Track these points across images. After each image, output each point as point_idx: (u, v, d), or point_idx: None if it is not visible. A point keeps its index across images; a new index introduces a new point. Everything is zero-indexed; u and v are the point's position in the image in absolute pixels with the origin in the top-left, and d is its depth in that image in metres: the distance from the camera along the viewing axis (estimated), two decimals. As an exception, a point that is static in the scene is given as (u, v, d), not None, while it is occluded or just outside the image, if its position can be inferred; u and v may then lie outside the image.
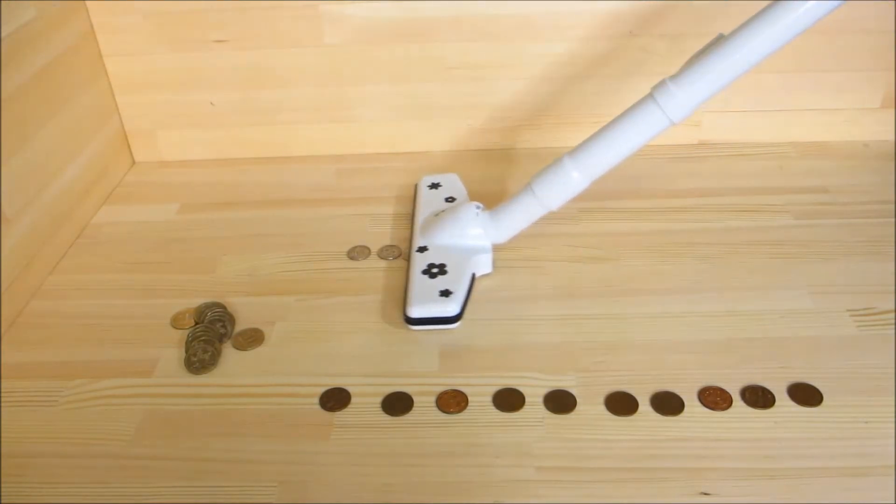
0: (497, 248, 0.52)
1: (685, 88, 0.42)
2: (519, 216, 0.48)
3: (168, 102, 0.63)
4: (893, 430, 0.37)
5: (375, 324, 0.46)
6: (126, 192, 0.61)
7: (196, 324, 0.46)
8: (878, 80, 0.60)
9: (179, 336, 0.46)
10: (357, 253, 0.51)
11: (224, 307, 0.47)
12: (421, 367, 0.43)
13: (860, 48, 0.59)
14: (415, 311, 0.44)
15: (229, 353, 0.44)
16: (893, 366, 0.41)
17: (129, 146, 0.65)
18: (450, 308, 0.44)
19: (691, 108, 0.43)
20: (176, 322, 0.47)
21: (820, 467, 0.36)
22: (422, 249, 0.49)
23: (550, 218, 0.54)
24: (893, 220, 0.53)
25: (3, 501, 0.36)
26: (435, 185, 0.56)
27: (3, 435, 0.40)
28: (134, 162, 0.65)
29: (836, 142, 0.63)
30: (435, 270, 0.46)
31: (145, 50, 0.60)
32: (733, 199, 0.56)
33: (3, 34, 0.48)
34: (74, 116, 0.56)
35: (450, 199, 0.54)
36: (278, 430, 0.39)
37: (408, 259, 0.50)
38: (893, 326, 0.44)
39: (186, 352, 0.44)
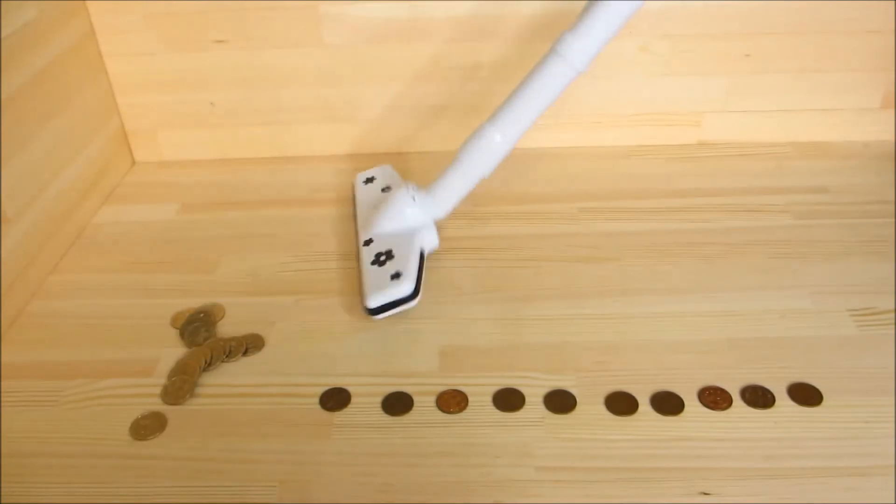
0: (497, 248, 0.52)
1: (582, 37, 0.45)
2: (453, 189, 0.49)
3: (168, 102, 0.63)
4: (893, 430, 0.37)
5: (375, 324, 0.46)
6: (126, 192, 0.61)
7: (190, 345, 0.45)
8: (878, 80, 0.60)
9: (179, 336, 0.46)
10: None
11: (205, 312, 0.47)
12: (421, 367, 0.43)
13: (860, 48, 0.59)
14: (372, 301, 0.45)
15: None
16: (893, 366, 0.41)
17: (129, 146, 0.65)
18: (404, 288, 0.45)
19: (592, 54, 0.45)
20: (176, 322, 0.47)
21: (820, 467, 0.36)
22: (367, 243, 0.49)
23: (550, 218, 0.55)
24: (893, 220, 0.53)
25: (3, 501, 0.36)
26: (370, 180, 0.57)
27: (3, 435, 0.40)
28: (134, 162, 0.65)
29: (836, 142, 0.63)
30: (383, 258, 0.47)
31: (145, 50, 0.60)
32: (733, 199, 0.56)
33: (3, 34, 0.48)
34: (74, 116, 0.56)
35: (386, 189, 0.55)
36: (278, 430, 0.39)
37: (357, 256, 0.50)
38: (893, 326, 0.44)
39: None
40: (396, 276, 0.45)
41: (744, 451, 0.37)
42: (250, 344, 0.44)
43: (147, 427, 0.40)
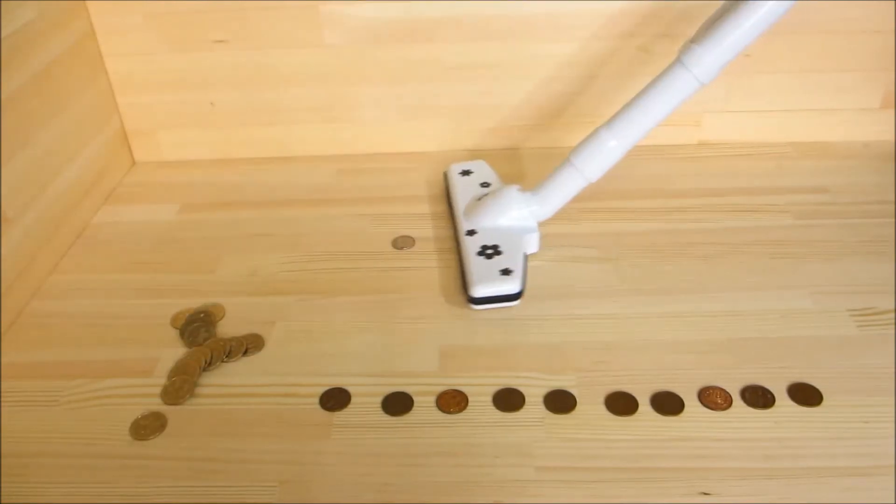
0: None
1: (711, 50, 0.44)
2: (561, 190, 0.49)
3: (168, 102, 0.63)
4: (893, 430, 0.37)
5: (375, 324, 0.46)
6: (126, 193, 0.61)
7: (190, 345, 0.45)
8: (878, 80, 0.60)
9: (179, 336, 0.46)
10: (403, 243, 0.53)
11: (205, 312, 0.47)
12: (421, 367, 0.43)
13: (860, 48, 0.59)
14: (478, 291, 0.45)
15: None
16: (893, 366, 0.41)
17: (129, 146, 0.65)
18: (512, 286, 0.45)
19: (718, 69, 0.44)
20: (176, 322, 0.47)
21: (820, 467, 0.36)
22: (471, 233, 0.50)
23: (550, 218, 0.55)
24: (893, 220, 0.53)
25: (3, 501, 0.36)
26: (466, 172, 0.57)
27: (3, 435, 0.40)
28: (134, 162, 0.65)
29: (836, 142, 0.63)
30: (490, 252, 0.48)
31: (145, 50, 0.60)
32: (733, 199, 0.56)
33: (3, 34, 0.48)
34: (74, 116, 0.56)
35: (485, 185, 0.55)
36: (278, 430, 0.39)
37: (456, 244, 0.51)
38: (893, 326, 0.44)
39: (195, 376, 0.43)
40: (506, 272, 0.46)
41: (744, 451, 0.37)
42: (250, 344, 0.44)
43: (147, 427, 0.40)
